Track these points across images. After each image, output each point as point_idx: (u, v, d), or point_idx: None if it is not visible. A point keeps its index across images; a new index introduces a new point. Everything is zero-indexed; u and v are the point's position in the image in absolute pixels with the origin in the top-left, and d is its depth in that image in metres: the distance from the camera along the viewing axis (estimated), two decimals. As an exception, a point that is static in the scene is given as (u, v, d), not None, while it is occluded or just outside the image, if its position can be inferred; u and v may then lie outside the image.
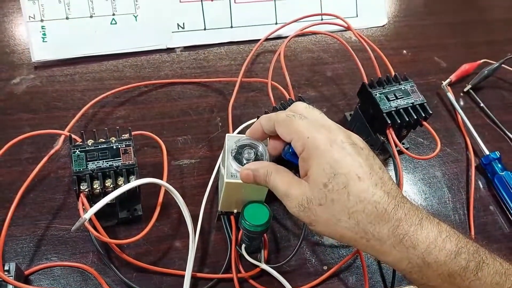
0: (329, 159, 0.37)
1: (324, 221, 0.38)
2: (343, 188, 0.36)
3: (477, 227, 0.61)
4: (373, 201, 0.36)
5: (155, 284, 0.51)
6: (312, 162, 0.37)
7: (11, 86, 0.63)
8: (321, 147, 0.37)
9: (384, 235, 0.36)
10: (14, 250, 0.51)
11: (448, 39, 0.80)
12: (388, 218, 0.36)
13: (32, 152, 0.57)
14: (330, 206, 0.37)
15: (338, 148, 0.37)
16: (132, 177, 0.49)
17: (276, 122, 0.41)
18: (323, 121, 0.40)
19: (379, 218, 0.36)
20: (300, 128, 0.38)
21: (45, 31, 0.64)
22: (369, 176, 0.37)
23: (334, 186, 0.36)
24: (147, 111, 0.64)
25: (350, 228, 0.37)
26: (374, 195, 0.36)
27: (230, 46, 0.72)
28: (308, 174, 0.38)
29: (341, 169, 0.36)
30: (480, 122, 0.71)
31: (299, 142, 0.38)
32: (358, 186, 0.36)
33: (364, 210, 0.36)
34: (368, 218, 0.36)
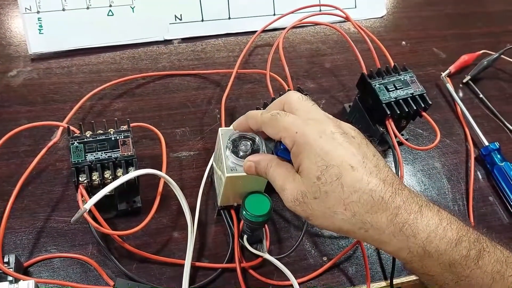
0: (319, 152, 0.36)
1: (321, 215, 0.37)
2: (336, 179, 0.35)
3: (476, 217, 0.61)
4: (368, 190, 0.35)
5: (155, 275, 0.51)
6: (303, 156, 0.37)
7: (7, 78, 0.62)
8: (311, 141, 0.36)
9: (382, 224, 0.35)
10: (13, 242, 0.51)
11: (447, 30, 0.80)
12: (385, 207, 0.35)
13: (30, 145, 0.57)
14: (325, 199, 0.36)
15: (328, 139, 0.36)
16: (131, 169, 0.49)
17: (262, 124, 0.40)
18: (313, 113, 0.39)
19: (376, 207, 0.35)
20: (287, 125, 0.38)
21: (42, 23, 0.63)
22: (362, 165, 0.36)
23: (327, 178, 0.36)
24: (145, 103, 0.63)
25: (347, 219, 0.36)
26: (369, 184, 0.35)
27: (228, 38, 0.72)
28: (301, 168, 0.37)
29: (333, 161, 0.36)
30: (479, 113, 0.71)
31: (288, 139, 0.38)
32: (351, 176, 0.35)
33: (359, 200, 0.35)
34: (365, 207, 0.35)
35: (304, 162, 0.37)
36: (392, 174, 0.37)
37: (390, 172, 0.37)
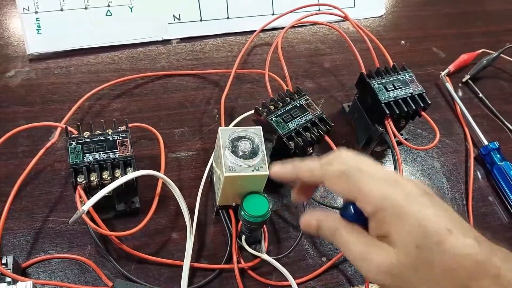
0: (414, 219, 0.32)
1: (419, 286, 0.33)
2: (437, 246, 0.32)
3: (476, 217, 0.61)
4: (467, 254, 0.32)
5: (154, 276, 0.51)
6: (395, 225, 0.33)
7: (6, 79, 0.62)
8: (401, 207, 0.33)
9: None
10: (11, 243, 0.51)
11: (447, 29, 0.80)
12: (485, 268, 0.32)
13: (28, 145, 0.57)
14: (426, 269, 0.32)
15: (418, 204, 0.33)
16: (129, 169, 0.49)
17: (326, 179, 0.36)
18: (382, 172, 0.35)
19: (477, 271, 0.32)
20: (367, 187, 0.34)
21: (40, 23, 0.63)
22: (455, 226, 0.33)
23: (428, 246, 0.32)
24: (143, 103, 0.63)
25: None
26: (465, 247, 0.32)
27: (226, 38, 0.71)
28: (392, 238, 0.33)
29: (431, 226, 0.32)
30: (479, 112, 0.70)
31: (369, 204, 0.34)
32: (451, 241, 0.32)
33: (461, 265, 0.32)
34: (467, 273, 0.32)
35: (397, 230, 0.33)
36: (474, 230, 0.35)
37: (473, 228, 0.35)
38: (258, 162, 0.48)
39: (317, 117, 0.54)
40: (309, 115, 0.54)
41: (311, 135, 0.53)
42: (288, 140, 0.52)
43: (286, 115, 0.54)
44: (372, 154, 0.63)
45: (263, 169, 0.48)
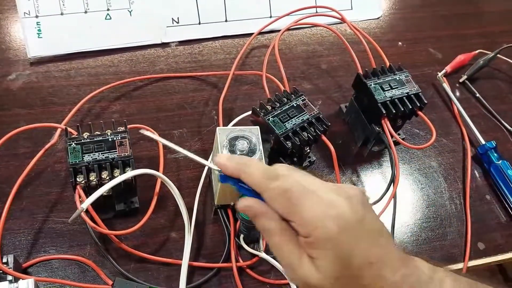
0: (340, 252, 0.34)
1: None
2: (355, 280, 0.34)
3: (473, 216, 0.61)
4: (381, 286, 0.34)
5: (153, 275, 0.52)
6: (321, 253, 0.34)
7: (7, 82, 0.63)
8: (331, 239, 0.34)
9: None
10: (12, 243, 0.51)
11: (443, 31, 0.80)
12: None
13: (29, 147, 0.57)
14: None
15: (349, 236, 0.34)
16: (128, 169, 0.50)
17: (267, 196, 0.36)
18: (323, 192, 0.35)
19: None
20: (304, 213, 0.34)
21: (40, 27, 0.64)
22: (377, 255, 0.34)
23: (345, 280, 0.34)
24: (142, 105, 0.64)
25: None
26: (381, 279, 0.34)
27: (224, 40, 0.72)
28: (318, 263, 0.35)
29: (354, 260, 0.34)
30: (476, 112, 0.71)
31: (303, 229, 0.35)
32: (370, 274, 0.34)
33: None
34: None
35: (322, 259, 0.34)
36: (396, 249, 0.36)
37: (394, 246, 0.36)
38: (255, 161, 0.49)
39: (314, 117, 0.55)
40: (306, 115, 0.55)
41: (308, 134, 0.54)
42: (285, 140, 0.52)
43: (283, 115, 0.54)
44: (370, 154, 0.64)
45: (260, 168, 0.49)
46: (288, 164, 0.40)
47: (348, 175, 0.62)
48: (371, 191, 0.61)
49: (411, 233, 0.59)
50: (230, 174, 0.39)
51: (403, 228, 0.59)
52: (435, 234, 0.59)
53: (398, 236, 0.58)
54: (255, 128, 0.51)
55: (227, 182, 0.39)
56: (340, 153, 0.56)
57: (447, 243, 0.59)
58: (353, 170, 0.63)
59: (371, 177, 0.63)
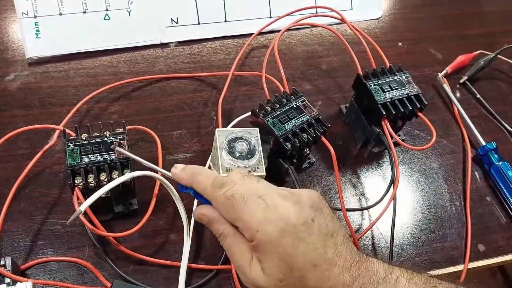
0: (282, 255, 0.35)
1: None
2: (299, 281, 0.35)
3: (473, 218, 0.61)
4: (330, 286, 0.35)
5: (152, 277, 0.51)
6: (265, 256, 0.36)
7: (5, 82, 0.63)
8: (273, 242, 0.35)
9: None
10: (10, 245, 0.51)
11: (444, 31, 0.80)
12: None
13: (27, 148, 0.57)
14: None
15: (291, 238, 0.35)
16: (126, 171, 0.49)
17: (214, 203, 0.39)
18: (270, 196, 0.37)
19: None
20: (247, 219, 0.36)
21: (39, 27, 0.64)
22: (323, 258, 0.35)
23: (290, 281, 0.35)
24: (141, 106, 0.64)
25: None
26: (329, 279, 0.35)
27: (224, 41, 0.72)
28: (263, 266, 0.36)
29: (296, 263, 0.35)
30: (476, 113, 0.71)
31: (247, 233, 0.37)
32: (314, 275, 0.35)
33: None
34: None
35: (266, 262, 0.36)
36: (349, 250, 0.37)
37: (348, 249, 0.37)
38: (254, 163, 0.49)
39: (314, 118, 0.55)
40: (305, 116, 0.54)
41: (308, 136, 0.53)
42: (284, 141, 0.52)
43: (283, 116, 0.54)
44: (370, 155, 0.64)
45: (260, 170, 0.48)
46: (242, 171, 0.41)
47: (348, 176, 0.62)
48: (371, 192, 0.61)
49: (411, 234, 0.59)
50: (185, 184, 0.41)
51: (403, 230, 0.59)
52: (435, 236, 0.59)
53: (398, 237, 0.58)
54: (255, 130, 0.51)
55: (187, 191, 0.42)
56: (340, 154, 0.56)
57: (447, 245, 0.59)
58: (353, 172, 0.63)
59: (371, 178, 0.63)
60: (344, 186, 0.61)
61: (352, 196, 0.61)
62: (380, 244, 0.57)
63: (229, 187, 0.38)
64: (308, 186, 0.60)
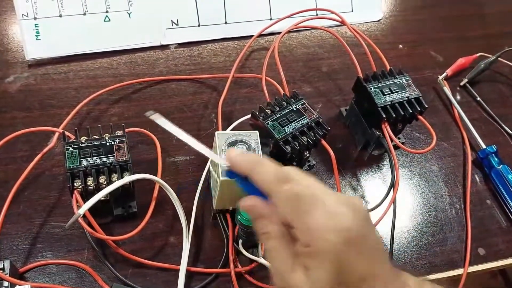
0: (338, 265, 0.33)
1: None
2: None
3: (474, 221, 0.61)
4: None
5: (151, 280, 0.51)
6: (317, 264, 0.33)
7: (5, 84, 0.63)
8: (333, 251, 0.33)
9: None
10: (9, 247, 0.51)
11: (444, 33, 0.80)
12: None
13: (27, 150, 0.57)
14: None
15: (350, 250, 0.33)
16: (126, 174, 0.49)
17: (275, 198, 0.35)
18: (331, 202, 0.34)
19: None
20: (310, 222, 0.33)
21: (39, 29, 0.64)
22: (371, 272, 0.34)
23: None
24: (141, 108, 0.63)
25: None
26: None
27: (224, 43, 0.72)
28: (310, 273, 0.34)
29: (347, 275, 0.33)
30: (476, 116, 0.70)
31: (304, 237, 0.34)
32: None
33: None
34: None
35: (317, 270, 0.33)
36: (388, 264, 0.36)
37: (387, 261, 0.36)
38: (254, 166, 0.48)
39: (314, 121, 0.54)
40: (305, 119, 0.54)
41: (308, 139, 0.53)
42: (284, 144, 0.52)
43: (283, 119, 0.54)
44: (370, 157, 0.64)
45: (259, 173, 0.48)
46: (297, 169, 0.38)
47: (348, 179, 0.62)
48: (371, 195, 0.61)
49: (411, 238, 0.59)
50: (240, 171, 0.37)
51: (403, 233, 0.59)
52: (435, 239, 0.59)
53: (398, 241, 0.58)
54: (254, 133, 0.51)
55: (233, 178, 0.38)
56: (340, 157, 0.56)
57: (447, 248, 0.59)
58: (353, 174, 0.63)
59: (371, 181, 0.62)
60: (344, 189, 0.61)
61: (352, 199, 0.60)
62: (380, 248, 0.57)
63: (293, 184, 0.35)
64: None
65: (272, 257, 0.36)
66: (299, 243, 0.34)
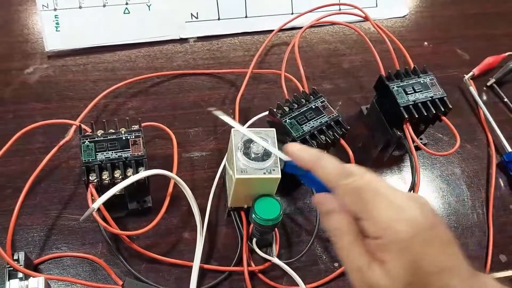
0: (412, 256, 0.33)
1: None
2: (427, 286, 0.33)
3: (496, 226, 0.59)
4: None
5: (163, 276, 0.51)
6: (393, 257, 0.33)
7: (24, 75, 0.63)
8: (402, 243, 0.33)
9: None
10: (25, 239, 0.52)
11: (472, 30, 0.77)
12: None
13: (44, 142, 0.57)
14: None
15: (421, 241, 0.33)
16: (141, 169, 0.49)
17: (340, 192, 0.35)
18: (395, 197, 0.34)
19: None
20: (376, 212, 0.33)
21: (58, 20, 0.64)
22: (447, 265, 0.33)
23: (416, 286, 0.33)
24: (159, 102, 0.63)
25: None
26: None
27: (244, 37, 0.71)
28: (388, 267, 0.33)
29: (424, 267, 0.32)
30: (503, 118, 0.68)
31: (374, 229, 0.34)
32: (437, 282, 0.33)
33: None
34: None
35: (392, 263, 0.33)
36: (466, 262, 0.35)
37: (464, 259, 0.35)
38: (270, 164, 0.47)
39: (333, 119, 0.53)
40: (324, 118, 0.53)
41: (326, 138, 0.52)
42: (302, 143, 0.51)
43: (301, 117, 0.53)
44: (390, 158, 0.62)
45: (276, 172, 0.47)
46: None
47: (367, 180, 0.60)
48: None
49: (430, 242, 0.57)
50: (303, 164, 0.38)
51: (422, 237, 0.57)
52: (455, 244, 0.57)
53: (417, 245, 0.56)
54: (271, 131, 0.50)
55: (293, 172, 0.38)
56: (359, 157, 0.54)
57: (467, 254, 0.55)
58: (372, 175, 0.61)
59: (390, 183, 0.61)
60: (362, 189, 0.60)
61: (370, 200, 0.59)
62: (397, 251, 0.56)
63: (356, 178, 0.35)
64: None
65: (346, 256, 0.35)
66: (370, 237, 0.34)
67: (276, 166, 0.48)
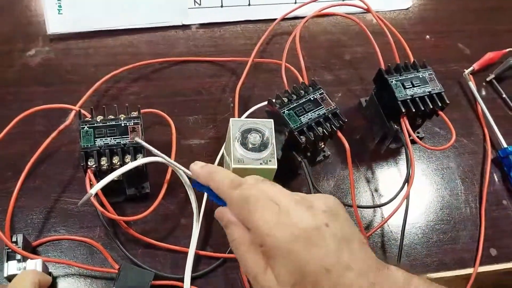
0: (294, 260, 0.34)
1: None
2: (312, 286, 0.34)
3: (488, 221, 0.59)
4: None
5: (160, 261, 0.52)
6: (276, 262, 0.35)
7: (26, 58, 0.63)
8: (283, 248, 0.34)
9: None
10: (23, 221, 0.52)
11: (474, 25, 0.77)
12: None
13: (45, 125, 0.57)
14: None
15: (302, 243, 0.34)
16: (139, 155, 0.50)
17: (229, 202, 0.38)
18: (285, 200, 0.36)
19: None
20: (258, 221, 0.35)
21: (61, 3, 0.64)
22: (337, 262, 0.34)
23: (303, 286, 0.34)
24: (159, 88, 0.63)
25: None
26: (344, 285, 0.33)
27: (246, 25, 0.71)
28: (275, 273, 0.35)
29: (308, 268, 0.34)
30: (501, 113, 0.68)
31: (256, 238, 0.35)
32: (327, 281, 0.33)
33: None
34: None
35: (278, 268, 0.34)
36: (367, 257, 0.35)
37: (365, 254, 0.35)
38: (267, 155, 0.48)
39: (331, 112, 0.54)
40: (322, 110, 0.53)
41: (323, 130, 0.53)
42: (299, 135, 0.51)
43: (299, 109, 0.53)
44: (387, 151, 0.63)
45: (272, 163, 0.48)
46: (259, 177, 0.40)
47: (363, 171, 0.61)
48: (385, 189, 0.60)
49: (422, 234, 0.58)
50: (202, 181, 0.41)
51: (414, 229, 0.58)
52: (447, 237, 0.58)
53: (409, 237, 0.57)
54: (269, 122, 0.50)
55: (200, 189, 0.42)
56: (356, 148, 0.55)
57: (458, 247, 0.58)
58: (368, 167, 0.62)
59: (386, 175, 0.62)
60: (358, 181, 0.60)
61: (366, 192, 0.60)
62: (389, 243, 0.57)
63: (244, 187, 0.38)
64: (321, 180, 0.60)
65: (244, 265, 0.37)
66: (258, 245, 0.35)
67: (272, 157, 0.48)
